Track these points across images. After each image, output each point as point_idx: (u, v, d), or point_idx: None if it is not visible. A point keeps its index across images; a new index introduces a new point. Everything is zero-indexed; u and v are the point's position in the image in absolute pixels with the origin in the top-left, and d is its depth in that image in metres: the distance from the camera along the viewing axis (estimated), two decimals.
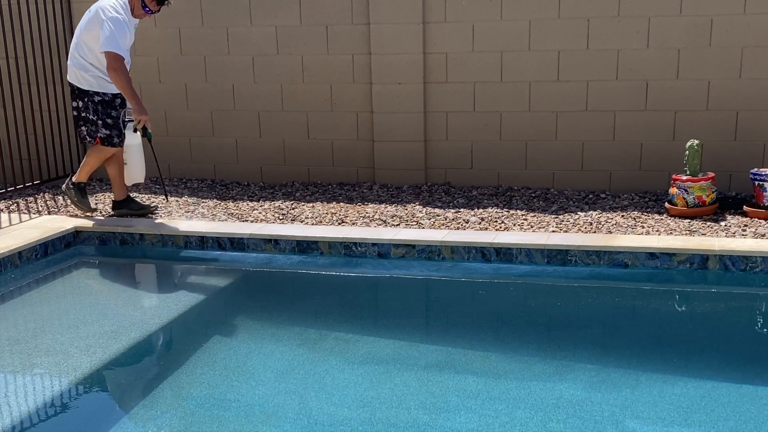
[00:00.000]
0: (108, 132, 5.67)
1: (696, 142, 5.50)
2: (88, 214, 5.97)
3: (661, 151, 6.12)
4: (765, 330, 4.28)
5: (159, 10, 5.66)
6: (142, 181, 6.20)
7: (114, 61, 5.38)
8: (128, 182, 6.05)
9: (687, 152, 5.50)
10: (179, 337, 4.24)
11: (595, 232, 5.19)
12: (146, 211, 5.95)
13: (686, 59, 5.94)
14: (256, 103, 6.98)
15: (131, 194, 6.17)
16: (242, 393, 3.48)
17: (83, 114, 5.68)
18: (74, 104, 5.73)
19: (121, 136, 5.75)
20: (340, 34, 6.62)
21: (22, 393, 3.60)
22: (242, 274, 5.19)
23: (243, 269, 5.22)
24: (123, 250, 5.59)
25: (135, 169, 6.05)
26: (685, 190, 5.42)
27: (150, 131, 5.68)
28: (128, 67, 5.55)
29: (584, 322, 4.37)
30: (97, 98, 5.62)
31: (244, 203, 6.32)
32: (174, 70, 7.10)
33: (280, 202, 6.31)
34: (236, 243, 5.41)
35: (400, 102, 6.55)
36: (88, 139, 5.74)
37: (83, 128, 5.71)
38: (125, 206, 5.94)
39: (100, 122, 5.65)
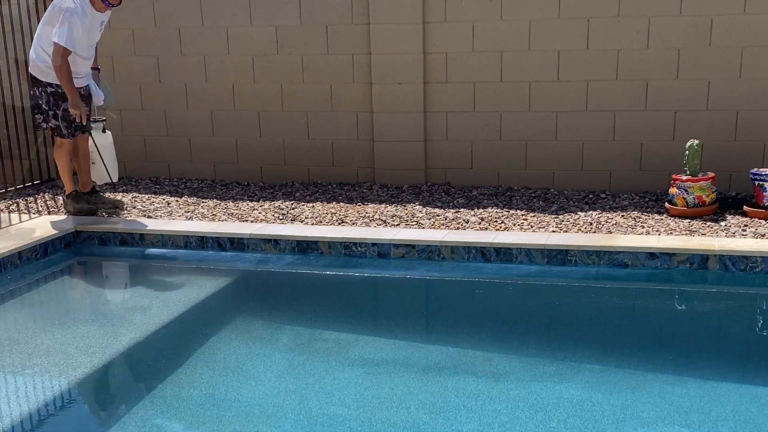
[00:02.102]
0: (57, 123, 5.73)
1: (696, 142, 5.50)
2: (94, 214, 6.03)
3: (661, 151, 6.11)
4: (765, 330, 4.27)
5: (120, 3, 5.65)
6: (116, 180, 6.23)
7: (57, 54, 5.41)
8: (99, 181, 6.27)
9: (687, 152, 5.50)
10: (179, 337, 4.23)
11: (595, 232, 5.18)
12: (106, 207, 6.02)
13: (686, 59, 5.94)
14: (256, 103, 6.98)
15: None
16: (242, 393, 3.48)
17: (37, 102, 5.75)
18: (32, 92, 5.79)
19: (71, 128, 5.77)
20: (340, 34, 6.62)
21: (22, 393, 3.60)
22: (242, 274, 5.19)
23: (243, 269, 5.21)
24: (123, 250, 5.59)
25: (103, 169, 6.20)
26: (685, 190, 5.41)
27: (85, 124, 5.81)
28: (91, 62, 5.72)
29: (584, 322, 4.37)
30: (50, 89, 5.66)
31: (244, 203, 6.32)
32: (174, 70, 7.10)
33: (280, 202, 6.31)
34: (236, 243, 5.41)
35: (400, 102, 6.55)
36: (44, 125, 5.81)
37: (37, 116, 5.81)
38: (85, 198, 6.01)
39: (51, 113, 5.70)
